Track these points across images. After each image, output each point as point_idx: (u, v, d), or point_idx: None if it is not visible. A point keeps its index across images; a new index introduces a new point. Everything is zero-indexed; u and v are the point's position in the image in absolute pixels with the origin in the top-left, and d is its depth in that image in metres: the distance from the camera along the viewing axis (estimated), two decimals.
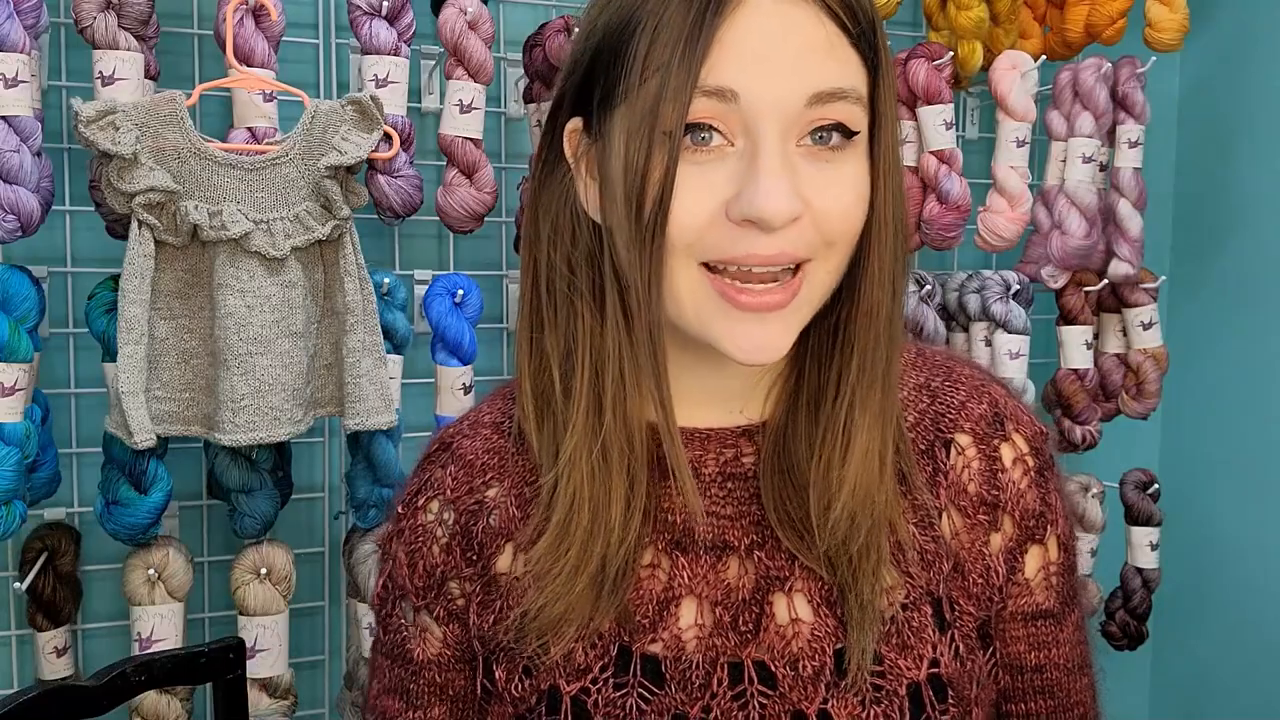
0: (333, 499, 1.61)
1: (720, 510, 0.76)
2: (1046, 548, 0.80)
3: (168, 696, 1.37)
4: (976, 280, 1.73)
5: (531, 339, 0.76)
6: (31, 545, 1.39)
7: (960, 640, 0.76)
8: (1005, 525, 0.78)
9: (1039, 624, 0.80)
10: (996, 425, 0.79)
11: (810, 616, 0.74)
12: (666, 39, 0.65)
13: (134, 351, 1.25)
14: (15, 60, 1.20)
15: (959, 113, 1.86)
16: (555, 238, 0.75)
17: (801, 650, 0.73)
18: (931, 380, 0.81)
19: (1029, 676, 0.81)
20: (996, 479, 0.78)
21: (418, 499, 0.83)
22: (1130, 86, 1.71)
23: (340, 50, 1.55)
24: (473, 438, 0.83)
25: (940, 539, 0.76)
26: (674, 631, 0.74)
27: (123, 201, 1.24)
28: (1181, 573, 1.95)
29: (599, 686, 0.74)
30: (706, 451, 0.77)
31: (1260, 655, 1.92)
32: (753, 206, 0.65)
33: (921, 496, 0.76)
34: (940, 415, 0.79)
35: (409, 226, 1.57)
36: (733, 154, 0.67)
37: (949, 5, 1.66)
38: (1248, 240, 1.93)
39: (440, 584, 0.81)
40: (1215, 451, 2.00)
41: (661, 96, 0.65)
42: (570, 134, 0.74)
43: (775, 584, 0.74)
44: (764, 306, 0.68)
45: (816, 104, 0.66)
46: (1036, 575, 0.80)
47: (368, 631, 1.45)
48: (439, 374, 1.48)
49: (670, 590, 0.75)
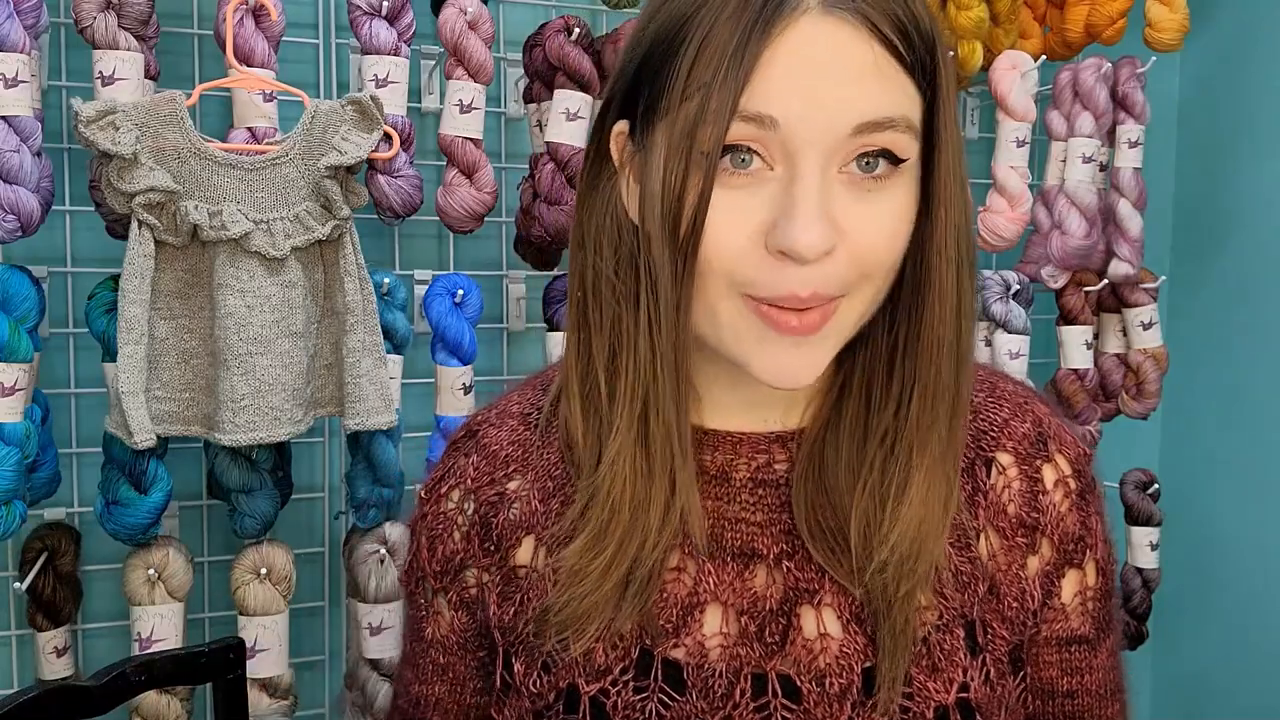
0: (333, 499, 1.61)
1: (750, 517, 0.75)
2: (1085, 572, 0.78)
3: (168, 696, 1.37)
4: (976, 280, 1.73)
5: (579, 340, 0.75)
6: (31, 545, 1.39)
7: (991, 665, 0.74)
8: (1043, 549, 0.77)
9: (1073, 649, 0.79)
10: (1040, 445, 0.78)
11: (839, 633, 0.72)
12: (710, 57, 0.63)
13: (134, 351, 1.25)
14: (15, 60, 1.20)
15: (959, 113, 1.86)
16: (601, 240, 0.73)
17: (829, 666, 0.72)
18: (974, 396, 0.78)
19: (1060, 702, 0.79)
20: (1037, 501, 0.76)
21: (440, 486, 0.83)
22: (1130, 86, 1.71)
23: (340, 50, 1.55)
24: (499, 427, 0.83)
25: (977, 560, 0.75)
26: (697, 638, 0.73)
27: (123, 201, 1.24)
28: (1181, 573, 1.95)
29: (619, 689, 0.73)
30: (738, 456, 0.76)
31: (1260, 655, 1.92)
32: (787, 238, 0.63)
33: (960, 516, 0.74)
34: (982, 433, 0.77)
35: (409, 226, 1.57)
36: (771, 178, 0.65)
37: (949, 5, 1.66)
38: (1248, 240, 1.93)
39: (457, 571, 0.81)
40: (1215, 451, 2.00)
41: (701, 118, 0.63)
42: (617, 136, 0.72)
43: (804, 596, 0.73)
44: (804, 329, 0.66)
45: (861, 134, 0.64)
46: (1073, 600, 0.78)
47: (368, 631, 1.46)
48: (439, 374, 1.48)
49: (695, 595, 0.74)
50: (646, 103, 0.68)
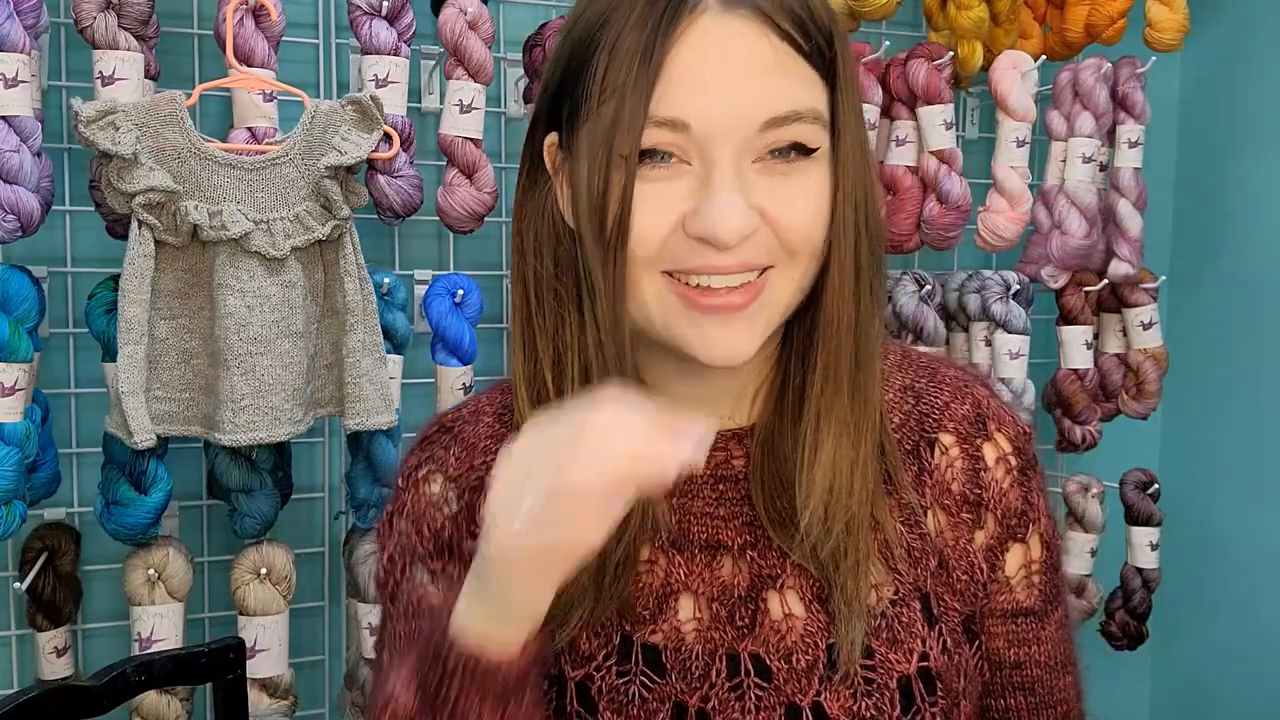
0: (333, 499, 1.61)
1: (714, 511, 0.79)
2: (1029, 546, 0.82)
3: (168, 696, 1.37)
4: (976, 280, 1.73)
5: (524, 344, 0.78)
6: (31, 545, 1.39)
7: (948, 634, 0.78)
8: (988, 523, 0.81)
9: (1019, 621, 0.82)
10: (979, 425, 0.82)
11: (803, 612, 0.76)
12: (620, 62, 0.67)
13: (134, 351, 1.25)
14: (15, 60, 1.20)
15: (959, 113, 1.86)
16: (540, 245, 0.77)
17: (795, 644, 0.76)
18: (916, 382, 0.83)
19: (1008, 672, 0.83)
20: (979, 478, 0.81)
21: (419, 471, 0.84)
22: (1130, 86, 1.71)
23: (340, 50, 1.55)
24: (474, 423, 0.84)
25: (926, 536, 0.79)
26: (674, 624, 0.77)
27: (123, 201, 1.24)
28: (1181, 573, 1.95)
29: (603, 674, 0.76)
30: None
31: (1260, 655, 1.92)
32: (706, 226, 0.67)
33: (907, 495, 0.79)
34: (925, 416, 0.82)
35: (409, 226, 1.57)
36: (689, 172, 0.69)
37: (949, 5, 1.66)
38: (1248, 240, 1.93)
39: (449, 546, 0.82)
40: (1215, 451, 2.00)
41: (617, 123, 0.67)
42: (549, 147, 0.76)
43: (768, 582, 0.77)
44: (725, 308, 0.70)
45: (771, 128, 0.68)
46: (1018, 573, 0.82)
47: (368, 631, 1.45)
48: (439, 374, 1.48)
49: (668, 585, 0.78)
50: (569, 109, 0.71)
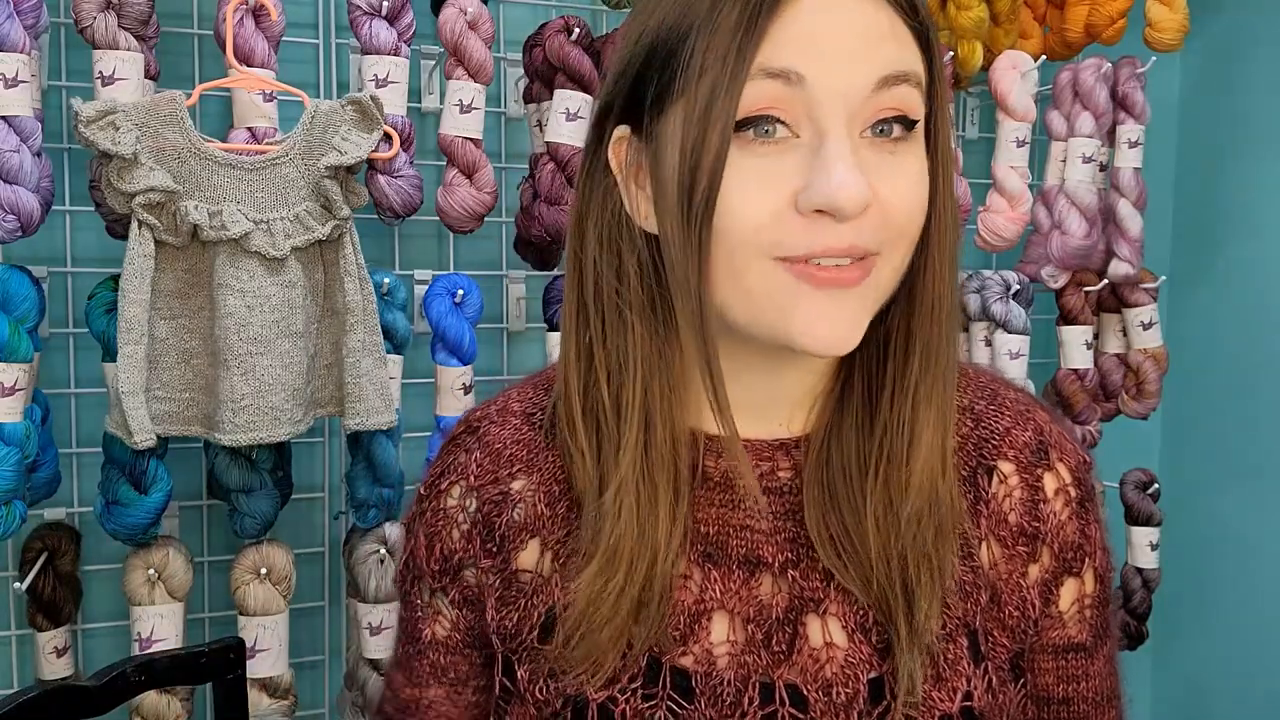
0: (333, 499, 1.61)
1: (755, 524, 0.74)
2: (1083, 581, 0.78)
3: (168, 696, 1.37)
4: (976, 280, 1.73)
5: (578, 351, 0.74)
6: (31, 545, 1.39)
7: (993, 672, 0.74)
8: (1044, 557, 0.77)
9: (1070, 657, 0.79)
10: (1041, 454, 0.77)
11: (844, 642, 0.72)
12: (725, 30, 0.63)
13: (134, 351, 1.25)
14: (15, 60, 1.20)
15: (959, 113, 1.86)
16: (602, 249, 0.72)
17: (835, 676, 0.71)
18: (976, 403, 0.79)
19: (1055, 709, 0.79)
20: (1038, 510, 0.76)
21: (440, 482, 0.82)
22: (1130, 86, 1.71)
23: (340, 50, 1.55)
24: (501, 425, 0.81)
25: (979, 569, 0.75)
26: (705, 646, 0.73)
27: (123, 201, 1.24)
28: (1181, 573, 1.95)
29: (627, 696, 0.72)
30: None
31: (1260, 655, 1.92)
32: (825, 194, 0.63)
33: (962, 525, 0.74)
34: (984, 441, 0.77)
35: (409, 226, 1.57)
36: (798, 145, 0.65)
37: (949, 5, 1.66)
38: (1248, 240, 1.93)
39: (456, 570, 0.80)
40: (1215, 451, 2.00)
41: (720, 83, 0.63)
42: (617, 143, 0.71)
43: (809, 605, 0.73)
44: (840, 281, 0.65)
45: (883, 88, 0.64)
46: (1071, 608, 0.78)
47: (368, 632, 1.46)
48: (439, 374, 1.48)
49: (702, 603, 0.73)
50: (656, 91, 0.67)
